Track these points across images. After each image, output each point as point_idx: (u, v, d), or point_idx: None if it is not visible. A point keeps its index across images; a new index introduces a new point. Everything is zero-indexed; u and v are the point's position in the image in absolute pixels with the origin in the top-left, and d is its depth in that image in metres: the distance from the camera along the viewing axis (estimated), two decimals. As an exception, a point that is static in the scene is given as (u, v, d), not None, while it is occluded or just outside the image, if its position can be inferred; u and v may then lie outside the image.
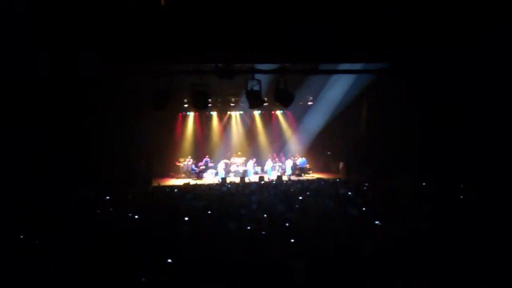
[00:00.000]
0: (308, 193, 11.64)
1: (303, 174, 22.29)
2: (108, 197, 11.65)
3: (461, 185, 11.70)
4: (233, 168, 22.41)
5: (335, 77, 18.47)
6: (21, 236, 6.89)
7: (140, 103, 16.35)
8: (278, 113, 24.49)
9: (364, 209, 8.68)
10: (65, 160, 14.53)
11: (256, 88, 11.64)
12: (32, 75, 10.77)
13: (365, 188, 12.69)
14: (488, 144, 13.31)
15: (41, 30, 8.67)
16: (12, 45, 8.76)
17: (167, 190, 14.22)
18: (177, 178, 21.78)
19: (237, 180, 18.66)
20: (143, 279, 5.05)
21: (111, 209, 9.86)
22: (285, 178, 19.62)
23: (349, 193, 11.27)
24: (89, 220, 8.53)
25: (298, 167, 22.69)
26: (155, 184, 18.19)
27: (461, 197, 10.05)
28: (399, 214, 8.12)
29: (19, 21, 8.36)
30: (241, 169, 22.23)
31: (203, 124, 24.02)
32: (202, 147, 23.58)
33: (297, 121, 23.79)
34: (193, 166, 22.19)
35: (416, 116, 15.87)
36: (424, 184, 12.68)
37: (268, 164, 22.38)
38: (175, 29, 8.76)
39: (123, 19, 8.50)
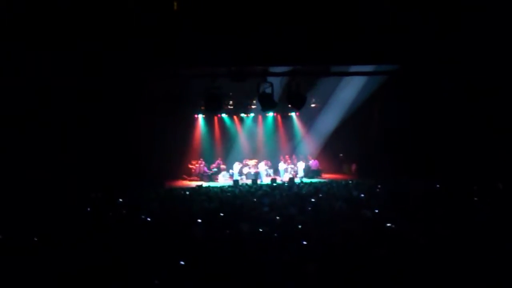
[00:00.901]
0: (320, 195, 11.61)
1: (315, 176, 22.24)
2: (121, 200, 11.74)
3: (475, 187, 11.59)
4: (245, 170, 22.44)
5: (347, 78, 18.45)
6: (35, 239, 6.98)
7: (154, 106, 16.47)
8: (291, 115, 24.50)
9: (376, 211, 8.65)
10: (77, 163, 14.66)
11: (268, 90, 11.67)
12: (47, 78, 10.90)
13: (377, 190, 12.64)
14: (503, 146, 13.18)
15: (55, 33, 8.79)
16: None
17: (180, 192, 14.30)
18: (190, 180, 21.88)
19: (249, 182, 18.70)
20: (156, 281, 5.08)
21: (124, 211, 9.94)
22: (297, 180, 19.61)
23: (362, 195, 11.22)
24: (102, 222, 8.61)
25: (310, 169, 22.66)
26: (168, 186, 18.29)
27: (475, 199, 9.96)
28: (412, 216, 8.08)
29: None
30: (253, 171, 22.25)
31: (216, 126, 24.10)
32: (215, 150, 23.68)
33: (309, 123, 23.76)
34: (206, 169, 22.29)
35: (429, 117, 15.77)
36: (437, 186, 12.59)
37: (281, 166, 22.39)
38: (188, 33, 8.82)
39: (136, 24, 8.58)
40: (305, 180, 20.13)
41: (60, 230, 7.74)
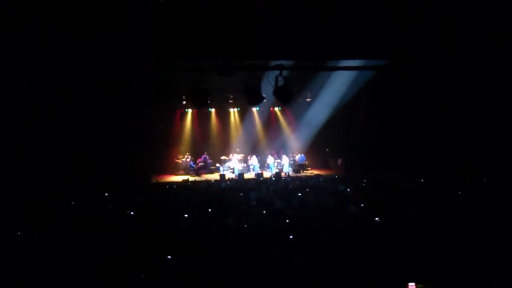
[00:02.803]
0: (307, 189, 11.65)
1: (302, 171, 22.33)
2: (107, 194, 11.66)
3: (460, 182, 11.72)
4: (232, 164, 22.45)
5: (336, 73, 18.49)
6: (19, 233, 6.91)
7: (140, 100, 16.33)
8: (277, 109, 24.50)
9: (362, 205, 8.70)
10: (62, 158, 14.50)
11: (255, 85, 11.64)
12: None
13: (363, 184, 12.72)
14: (486, 141, 13.32)
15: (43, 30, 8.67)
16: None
17: (166, 186, 14.24)
18: (176, 175, 21.83)
19: (235, 176, 18.74)
20: (143, 276, 5.06)
21: (110, 206, 9.87)
22: (283, 174, 19.67)
23: (348, 189, 11.28)
24: (88, 217, 8.54)
25: (297, 163, 22.75)
26: (154, 180, 18.21)
27: (459, 193, 10.07)
28: (398, 210, 8.14)
29: None
30: (240, 166, 22.28)
31: (202, 121, 24.02)
32: (201, 144, 23.64)
33: (296, 118, 23.80)
34: (192, 163, 22.24)
35: (415, 112, 15.88)
36: (422, 180, 12.69)
37: (270, 160, 22.46)
38: (174, 26, 8.75)
39: (122, 17, 8.48)
40: (292, 174, 20.20)
41: (46, 224, 7.68)
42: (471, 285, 4.74)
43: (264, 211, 8.32)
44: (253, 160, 22.44)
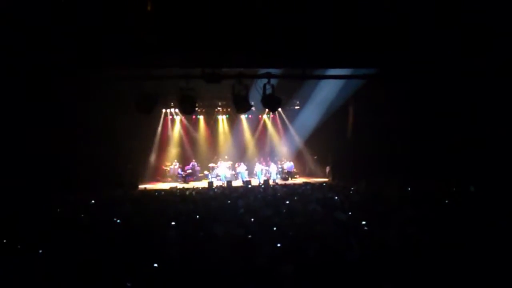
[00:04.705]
0: (295, 197, 11.64)
1: (290, 178, 22.35)
2: (93, 201, 11.55)
3: (447, 190, 11.78)
4: (220, 172, 22.40)
5: (324, 81, 18.55)
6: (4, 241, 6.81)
7: (126, 107, 16.26)
8: (265, 117, 24.54)
9: (350, 213, 8.70)
10: (49, 164, 14.35)
11: (243, 92, 11.62)
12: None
13: (351, 192, 12.74)
14: (474, 150, 13.42)
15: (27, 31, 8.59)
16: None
17: (154, 194, 14.16)
18: (164, 182, 21.72)
19: (223, 184, 18.69)
20: (128, 285, 5.00)
21: (96, 213, 9.78)
22: (271, 182, 19.67)
23: (336, 197, 11.29)
24: (73, 225, 8.45)
25: (285, 171, 22.77)
26: (141, 188, 18.10)
27: (446, 201, 10.12)
28: (385, 218, 8.15)
29: None
30: (228, 173, 22.23)
31: (190, 128, 23.97)
32: (189, 151, 23.56)
33: (284, 125, 23.85)
34: (180, 170, 22.16)
35: (403, 121, 15.97)
36: (409, 189, 12.74)
37: (258, 167, 22.44)
38: (162, 34, 8.72)
39: (110, 23, 8.44)
40: (280, 182, 20.21)
41: (31, 231, 7.57)
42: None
43: (252, 219, 8.29)
44: (241, 168, 22.41)
